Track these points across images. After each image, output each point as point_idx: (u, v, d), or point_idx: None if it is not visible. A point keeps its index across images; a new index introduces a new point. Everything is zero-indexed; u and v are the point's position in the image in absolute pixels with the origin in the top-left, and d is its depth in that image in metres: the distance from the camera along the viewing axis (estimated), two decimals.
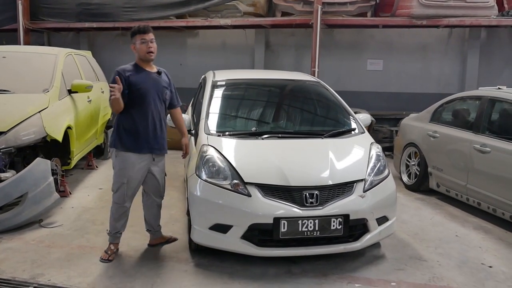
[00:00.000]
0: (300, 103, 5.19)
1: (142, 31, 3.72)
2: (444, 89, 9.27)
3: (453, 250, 4.17)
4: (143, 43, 3.71)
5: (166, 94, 3.89)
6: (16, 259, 3.83)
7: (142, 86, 3.71)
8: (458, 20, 8.18)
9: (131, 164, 3.73)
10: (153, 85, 3.80)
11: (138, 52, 3.76)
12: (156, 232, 4.17)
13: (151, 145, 3.77)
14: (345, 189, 3.65)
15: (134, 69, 3.78)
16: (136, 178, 3.79)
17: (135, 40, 3.75)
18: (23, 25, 9.18)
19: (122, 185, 3.77)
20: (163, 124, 3.87)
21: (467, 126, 5.45)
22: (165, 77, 3.96)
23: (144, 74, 3.78)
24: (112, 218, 3.89)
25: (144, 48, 3.72)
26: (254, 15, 9.08)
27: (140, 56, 3.78)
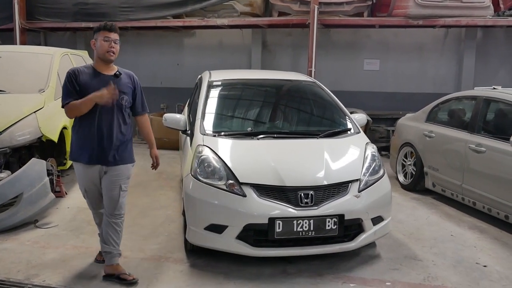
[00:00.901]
0: (296, 103, 5.20)
1: (107, 29, 3.37)
2: (440, 89, 9.29)
3: (448, 250, 4.18)
4: (105, 41, 3.34)
5: (123, 99, 3.42)
6: (11, 260, 3.83)
7: (90, 90, 3.28)
8: (454, 20, 8.20)
9: (81, 175, 3.49)
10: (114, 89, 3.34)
11: (97, 49, 3.38)
12: (110, 258, 3.53)
13: (98, 156, 3.38)
14: (340, 189, 3.65)
15: (88, 72, 3.41)
16: (92, 189, 3.52)
17: (97, 36, 3.37)
18: (19, 25, 9.16)
19: (84, 194, 3.60)
20: (116, 133, 3.42)
21: (463, 126, 5.46)
22: (126, 80, 3.52)
23: (98, 78, 3.38)
24: (95, 223, 3.76)
25: (105, 47, 3.34)
26: (251, 15, 9.08)
27: (98, 55, 3.40)
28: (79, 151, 3.42)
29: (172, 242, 4.26)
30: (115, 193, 3.46)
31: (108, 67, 3.44)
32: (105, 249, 3.52)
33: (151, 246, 4.16)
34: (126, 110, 3.51)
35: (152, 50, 10.39)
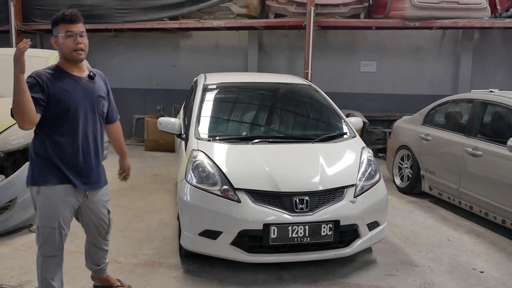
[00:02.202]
0: (291, 106, 5.18)
1: (67, 20, 2.73)
2: (437, 91, 9.28)
3: (444, 255, 4.16)
4: (68, 36, 2.72)
5: (103, 106, 2.97)
6: (4, 265, 3.79)
7: (66, 97, 2.74)
8: (451, 21, 8.19)
9: (60, 201, 2.79)
10: (83, 95, 2.83)
11: (61, 48, 2.76)
12: (99, 272, 3.34)
13: (82, 178, 2.85)
14: (336, 194, 3.63)
15: (55, 74, 2.77)
16: (67, 223, 2.87)
17: (57, 32, 2.75)
18: (15, 27, 9.12)
19: (53, 231, 2.80)
20: (99, 147, 2.97)
21: (459, 129, 5.45)
22: (100, 82, 3.01)
23: (70, 81, 2.79)
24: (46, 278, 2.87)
25: (70, 44, 2.73)
26: (247, 16, 9.05)
27: (64, 54, 2.78)
28: (59, 172, 2.77)
29: (167, 247, 4.23)
30: (105, 218, 3.10)
31: (77, 66, 2.86)
32: (97, 269, 3.32)
33: (145, 251, 4.13)
34: (103, 118, 3.04)
35: (148, 51, 10.35)
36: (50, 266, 2.88)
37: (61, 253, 2.91)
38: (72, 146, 2.81)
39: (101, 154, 3.01)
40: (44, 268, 2.87)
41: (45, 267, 2.87)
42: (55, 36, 2.79)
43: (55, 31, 2.79)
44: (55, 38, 2.79)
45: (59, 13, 2.79)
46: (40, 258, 2.88)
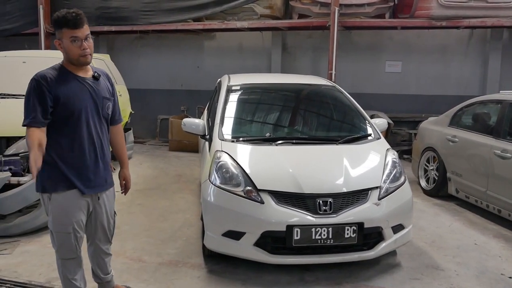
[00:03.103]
0: (315, 108, 5.16)
1: (72, 25, 2.60)
2: (464, 92, 9.10)
3: (471, 259, 4.08)
4: (73, 41, 2.62)
5: (108, 108, 2.88)
6: (33, 263, 3.89)
7: (71, 99, 2.67)
8: (479, 21, 8.01)
9: (72, 206, 2.74)
10: (89, 96, 2.76)
11: (66, 53, 2.67)
12: (107, 283, 3.17)
13: (89, 182, 2.78)
14: (360, 196, 3.60)
15: (60, 75, 2.68)
16: (82, 220, 2.81)
17: (60, 35, 2.64)
18: (44, 29, 9.33)
19: (68, 236, 2.77)
20: (105, 150, 2.88)
21: (488, 130, 5.33)
22: (105, 83, 2.92)
23: (75, 83, 2.72)
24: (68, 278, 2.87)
25: (76, 50, 2.64)
26: (271, 17, 9.05)
27: (70, 59, 2.69)
28: (70, 177, 2.71)
29: (190, 247, 4.26)
30: (111, 219, 3.02)
31: (82, 68, 2.77)
32: (105, 280, 3.15)
33: (169, 251, 4.17)
34: (108, 120, 2.96)
35: (172, 53, 10.46)
36: (70, 267, 2.87)
37: (79, 254, 2.87)
38: (77, 150, 2.73)
39: (107, 157, 2.92)
40: (64, 269, 2.86)
41: (65, 268, 2.86)
42: (59, 38, 2.66)
43: (58, 34, 2.66)
44: (59, 41, 2.67)
45: (60, 14, 2.63)
46: (59, 260, 2.87)
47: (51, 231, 2.81)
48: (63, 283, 2.92)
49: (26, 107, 2.62)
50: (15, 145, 4.65)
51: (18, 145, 4.65)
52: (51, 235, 2.84)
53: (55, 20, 2.66)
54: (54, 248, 2.86)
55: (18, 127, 4.66)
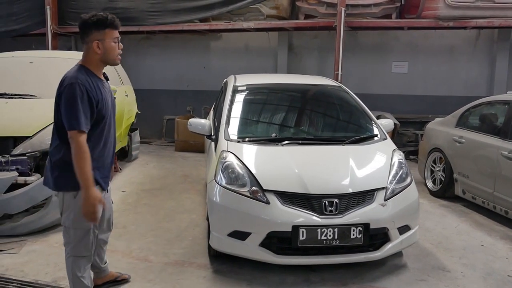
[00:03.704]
0: (321, 108, 5.15)
1: (115, 26, 2.76)
2: (471, 92, 9.04)
3: (478, 261, 4.05)
4: (115, 42, 2.78)
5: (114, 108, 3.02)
6: (39, 262, 3.91)
7: (104, 103, 2.78)
8: (486, 21, 7.97)
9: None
10: (110, 98, 2.89)
11: (106, 53, 2.76)
12: (104, 272, 3.40)
13: (107, 178, 2.97)
14: (366, 197, 3.59)
15: (92, 80, 2.75)
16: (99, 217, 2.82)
17: (102, 36, 2.72)
18: (51, 30, 9.37)
19: (87, 233, 2.85)
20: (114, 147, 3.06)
21: (495, 131, 5.29)
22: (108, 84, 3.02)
23: (101, 86, 2.81)
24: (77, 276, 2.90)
25: (116, 50, 2.80)
26: (277, 18, 9.05)
27: (107, 59, 2.80)
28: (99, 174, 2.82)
29: (196, 247, 4.27)
30: (112, 208, 3.26)
31: (101, 69, 2.88)
32: (103, 269, 3.37)
33: (175, 251, 4.18)
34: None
35: (179, 53, 10.49)
36: (81, 265, 2.91)
37: (92, 252, 2.95)
38: (102, 151, 2.84)
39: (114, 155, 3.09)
40: (75, 267, 2.89)
41: (76, 266, 2.89)
42: (99, 40, 2.73)
43: (99, 34, 2.73)
44: (99, 42, 2.73)
45: (102, 16, 2.73)
46: (71, 258, 2.89)
47: (68, 229, 2.84)
48: (72, 281, 2.94)
49: (72, 112, 2.61)
50: (22, 145, 4.68)
51: (25, 145, 4.68)
52: (67, 233, 2.86)
53: (97, 21, 2.70)
54: (69, 246, 2.88)
55: (25, 127, 4.75)
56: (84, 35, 2.76)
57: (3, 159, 4.54)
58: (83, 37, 2.78)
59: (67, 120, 2.63)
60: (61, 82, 2.73)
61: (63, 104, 2.65)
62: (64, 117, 2.65)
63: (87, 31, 2.74)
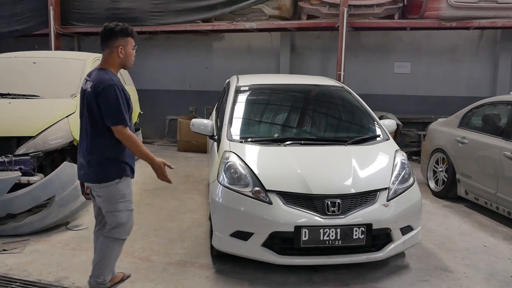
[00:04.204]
0: (323, 108, 5.15)
1: (134, 36, 3.18)
2: (474, 93, 9.03)
3: (481, 262, 4.05)
4: (133, 49, 3.20)
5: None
6: (42, 262, 3.92)
7: (130, 99, 3.18)
8: (489, 21, 7.95)
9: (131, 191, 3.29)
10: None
11: (126, 58, 3.15)
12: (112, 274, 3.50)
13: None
14: (368, 197, 3.59)
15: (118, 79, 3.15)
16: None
17: (125, 43, 3.11)
18: (54, 30, 9.41)
19: (131, 214, 3.26)
20: None
21: (498, 132, 5.29)
22: None
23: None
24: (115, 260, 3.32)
25: (133, 56, 3.21)
26: (280, 18, 9.06)
27: (126, 64, 3.19)
28: (127, 166, 3.18)
29: (199, 247, 4.27)
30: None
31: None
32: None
33: (178, 251, 4.19)
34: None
35: (181, 53, 10.50)
36: (119, 249, 3.28)
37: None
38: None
39: None
40: (116, 251, 3.25)
41: (117, 250, 3.26)
42: (122, 46, 3.09)
43: (123, 41, 3.09)
44: (122, 48, 3.09)
45: (125, 25, 3.11)
46: (116, 242, 3.22)
47: (115, 213, 3.14)
48: (108, 266, 3.26)
49: (117, 111, 2.97)
50: (25, 145, 4.70)
51: (28, 145, 4.70)
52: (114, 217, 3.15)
53: (125, 29, 3.10)
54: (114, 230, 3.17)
55: (28, 127, 4.77)
56: (109, 41, 3.09)
57: (7, 159, 4.56)
58: (107, 42, 3.09)
59: (112, 118, 2.98)
60: (95, 84, 3.00)
61: (105, 104, 2.97)
62: (108, 115, 2.98)
63: (113, 37, 3.08)
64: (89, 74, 3.17)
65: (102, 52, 3.17)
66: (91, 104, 3.02)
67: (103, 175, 3.09)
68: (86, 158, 3.11)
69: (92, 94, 3.00)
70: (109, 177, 3.10)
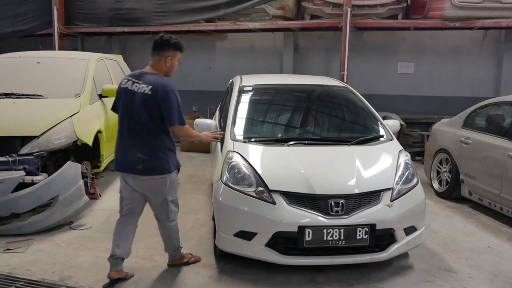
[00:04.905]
0: (327, 109, 5.14)
1: (183, 51, 3.58)
2: (478, 93, 9.01)
3: (485, 262, 4.04)
4: (178, 63, 3.59)
5: None
6: (46, 261, 3.93)
7: None
8: (493, 21, 7.94)
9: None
10: None
11: (169, 68, 3.52)
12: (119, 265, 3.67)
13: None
14: (372, 198, 3.58)
15: None
16: None
17: (174, 55, 3.50)
18: (58, 30, 9.43)
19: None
20: None
21: (502, 132, 5.27)
22: None
23: None
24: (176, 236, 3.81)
25: (175, 68, 3.59)
26: (283, 18, 9.05)
27: (168, 72, 3.54)
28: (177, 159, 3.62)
29: (202, 247, 4.27)
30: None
31: None
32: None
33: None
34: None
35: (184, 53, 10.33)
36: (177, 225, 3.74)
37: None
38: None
39: None
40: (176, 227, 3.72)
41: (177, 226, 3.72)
42: (171, 56, 3.47)
43: (172, 53, 3.47)
44: (170, 58, 3.47)
45: (179, 42, 3.50)
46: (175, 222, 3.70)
47: (174, 200, 3.61)
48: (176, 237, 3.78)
49: (179, 112, 3.39)
50: (29, 145, 4.71)
51: (32, 145, 4.71)
52: (174, 204, 3.62)
53: (178, 44, 3.49)
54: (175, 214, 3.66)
55: (32, 127, 4.78)
56: (161, 50, 3.45)
57: (11, 158, 4.57)
58: (159, 50, 3.46)
59: (175, 118, 3.36)
60: (157, 88, 3.34)
61: (169, 107, 3.33)
62: (171, 115, 3.34)
63: (165, 47, 3.45)
64: (136, 76, 3.47)
65: (151, 57, 3.49)
66: (150, 105, 3.33)
67: (168, 166, 3.45)
68: (145, 153, 3.38)
69: (153, 96, 3.32)
70: (171, 168, 3.48)
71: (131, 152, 3.41)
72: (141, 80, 3.41)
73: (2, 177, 4.38)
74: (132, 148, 3.40)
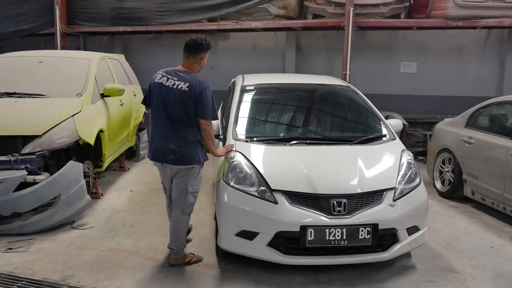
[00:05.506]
0: (329, 108, 5.13)
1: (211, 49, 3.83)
2: (480, 93, 8.97)
3: (488, 262, 4.02)
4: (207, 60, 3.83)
5: None
6: (48, 260, 3.93)
7: None
8: (496, 21, 7.90)
9: None
10: None
11: (201, 66, 3.80)
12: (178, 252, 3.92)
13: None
14: (374, 197, 3.57)
15: None
16: None
17: (205, 55, 3.79)
18: (60, 30, 9.42)
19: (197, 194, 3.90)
20: None
21: (505, 132, 5.25)
22: None
23: None
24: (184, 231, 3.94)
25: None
26: (285, 17, 9.04)
27: (198, 70, 3.81)
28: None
29: (204, 246, 4.27)
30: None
31: None
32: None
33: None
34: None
35: None
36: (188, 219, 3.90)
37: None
38: None
39: None
40: (186, 221, 3.87)
41: (187, 220, 3.87)
42: (203, 57, 3.76)
43: (205, 54, 3.76)
44: (203, 59, 3.77)
45: (209, 42, 3.75)
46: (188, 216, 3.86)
47: (193, 192, 3.78)
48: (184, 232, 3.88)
49: (213, 108, 3.67)
50: (31, 144, 4.70)
51: (34, 144, 4.70)
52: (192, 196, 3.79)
53: (209, 44, 3.76)
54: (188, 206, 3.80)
55: (34, 126, 4.78)
56: (197, 52, 3.71)
57: (13, 158, 4.57)
58: (195, 53, 3.71)
59: (209, 113, 3.64)
60: (195, 85, 3.61)
61: (205, 102, 3.60)
62: (206, 111, 3.62)
63: (201, 50, 3.72)
64: (170, 73, 3.71)
65: (185, 58, 3.73)
66: (186, 100, 3.58)
67: (199, 157, 3.70)
68: (178, 144, 3.61)
69: (190, 92, 3.58)
70: (201, 160, 3.73)
71: (164, 143, 3.64)
72: (176, 77, 3.66)
73: (4, 177, 4.38)
74: (165, 139, 3.64)
